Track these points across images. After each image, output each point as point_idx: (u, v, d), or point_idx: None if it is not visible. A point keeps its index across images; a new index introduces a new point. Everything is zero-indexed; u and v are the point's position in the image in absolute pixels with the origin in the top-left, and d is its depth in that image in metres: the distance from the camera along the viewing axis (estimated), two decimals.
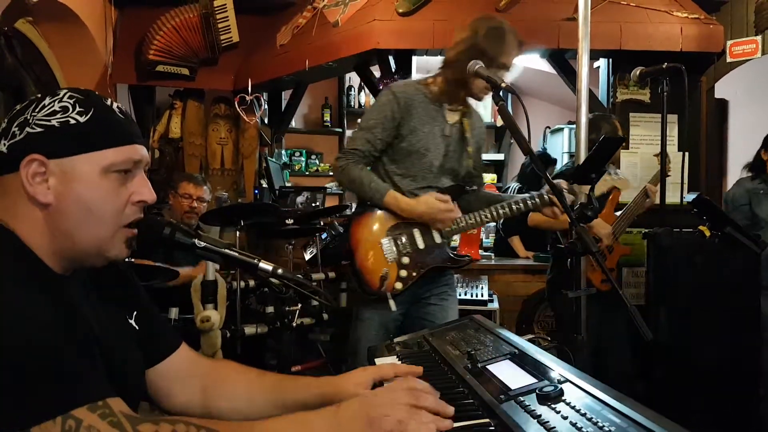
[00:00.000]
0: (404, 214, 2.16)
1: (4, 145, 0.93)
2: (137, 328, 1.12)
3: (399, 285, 2.14)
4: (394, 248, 2.16)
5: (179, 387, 1.19)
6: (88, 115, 0.94)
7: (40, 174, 0.92)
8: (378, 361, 1.43)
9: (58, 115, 0.93)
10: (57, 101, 0.94)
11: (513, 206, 2.19)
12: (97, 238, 0.97)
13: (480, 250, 4.15)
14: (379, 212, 2.20)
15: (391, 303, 2.12)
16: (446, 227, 2.17)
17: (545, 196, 2.15)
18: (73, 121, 0.93)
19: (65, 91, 0.97)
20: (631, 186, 2.30)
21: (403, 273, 2.15)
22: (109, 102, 0.99)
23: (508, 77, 2.14)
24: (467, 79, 2.09)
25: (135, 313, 1.13)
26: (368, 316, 2.21)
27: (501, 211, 2.19)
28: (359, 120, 2.24)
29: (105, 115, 0.97)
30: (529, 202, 2.18)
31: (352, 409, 0.93)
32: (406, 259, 2.16)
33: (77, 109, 0.94)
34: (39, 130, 0.92)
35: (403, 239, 2.17)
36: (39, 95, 0.96)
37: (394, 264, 2.14)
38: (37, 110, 0.93)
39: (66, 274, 0.98)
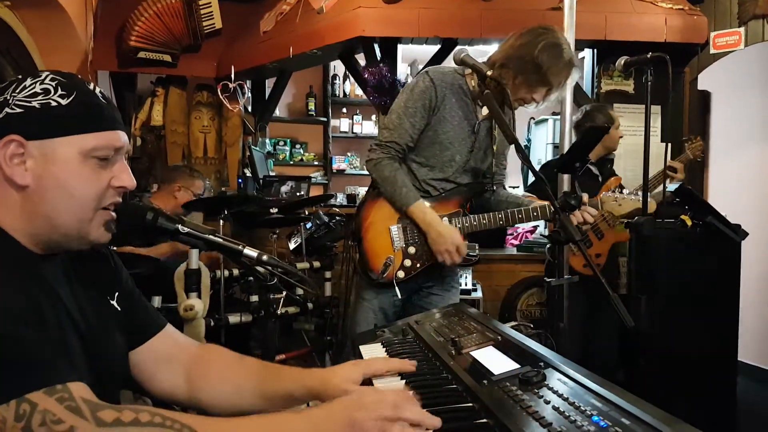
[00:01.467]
0: (421, 226, 2.09)
1: None
2: (119, 309, 1.10)
3: (401, 274, 2.11)
4: (403, 237, 2.12)
5: (163, 370, 1.17)
6: (71, 98, 0.93)
7: (18, 155, 0.90)
8: (363, 348, 1.43)
9: (40, 97, 0.91)
10: (38, 83, 0.92)
11: (531, 213, 2.11)
12: (76, 221, 0.95)
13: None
14: None
15: (397, 290, 2.10)
16: (444, 262, 2.09)
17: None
18: (54, 104, 0.91)
19: (47, 73, 0.95)
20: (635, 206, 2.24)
21: (407, 263, 2.12)
22: (91, 86, 0.98)
23: (552, 96, 2.07)
24: (507, 85, 1.99)
25: (117, 294, 1.11)
26: (369, 298, 2.18)
27: (517, 216, 2.12)
28: (394, 105, 2.15)
29: (87, 99, 0.95)
30: (548, 210, 2.08)
31: (333, 410, 0.91)
32: (412, 249, 2.12)
33: (59, 91, 0.92)
34: (18, 110, 0.90)
35: (413, 229, 2.12)
36: (20, 76, 0.94)
37: (400, 252, 2.11)
38: (17, 91, 0.91)
39: (45, 255, 0.97)
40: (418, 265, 2.12)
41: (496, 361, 1.11)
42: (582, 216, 2.06)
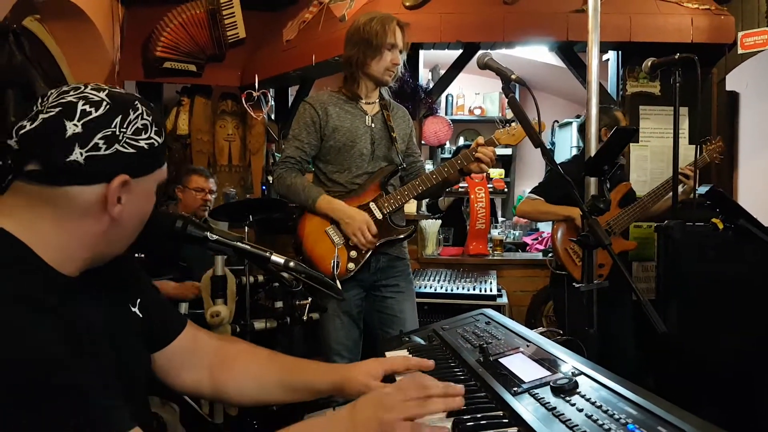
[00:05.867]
0: (334, 215, 2.26)
1: (81, 155, 0.86)
2: (141, 316, 1.11)
3: (352, 266, 2.27)
4: (341, 233, 2.28)
5: (188, 367, 1.20)
6: (163, 136, 0.97)
7: (122, 192, 0.91)
8: (388, 354, 1.43)
9: (143, 135, 0.92)
10: (140, 117, 0.93)
11: (443, 170, 2.29)
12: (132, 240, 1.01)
13: (489, 245, 4.14)
14: None
15: (338, 283, 2.21)
16: (356, 242, 2.25)
17: (470, 154, 2.25)
18: (156, 144, 0.95)
19: (137, 102, 0.94)
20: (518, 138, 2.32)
21: (353, 254, 2.27)
22: None
23: (403, 57, 2.37)
24: (360, 71, 2.30)
25: (139, 301, 1.11)
26: (329, 306, 2.34)
27: (432, 177, 2.30)
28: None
29: (166, 134, 1.00)
30: (456, 162, 2.28)
31: (357, 414, 0.93)
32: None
33: (154, 128, 0.95)
34: (131, 150, 0.90)
35: None
36: (103, 99, 0.90)
37: (343, 248, 2.27)
38: (125, 126, 0.90)
39: (78, 275, 0.95)
40: (364, 251, 2.27)
41: (525, 368, 1.09)
42: (480, 156, 2.22)
